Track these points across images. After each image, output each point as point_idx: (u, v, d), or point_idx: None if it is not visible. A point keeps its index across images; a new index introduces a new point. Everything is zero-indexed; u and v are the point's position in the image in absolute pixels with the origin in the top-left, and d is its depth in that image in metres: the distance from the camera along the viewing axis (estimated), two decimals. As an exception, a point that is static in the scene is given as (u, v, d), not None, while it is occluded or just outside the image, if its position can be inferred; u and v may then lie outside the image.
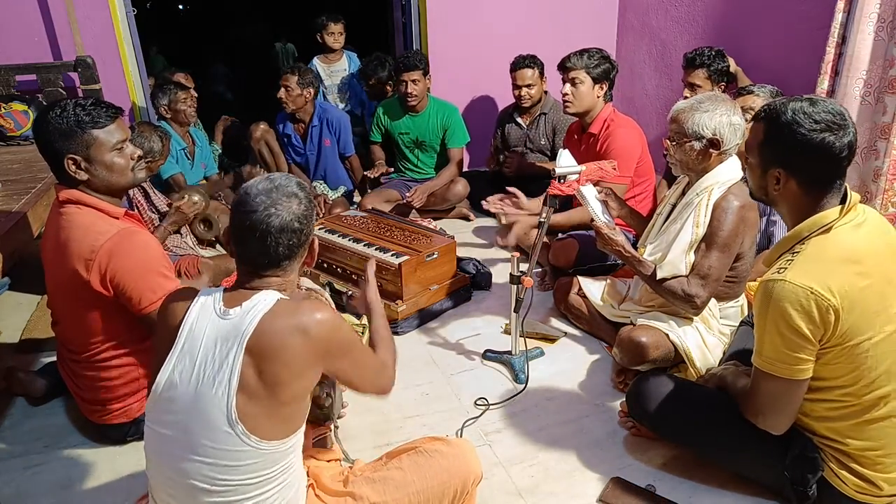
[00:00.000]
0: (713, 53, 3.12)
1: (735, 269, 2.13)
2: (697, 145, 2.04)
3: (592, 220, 2.26)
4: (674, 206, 2.24)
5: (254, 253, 1.27)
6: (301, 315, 1.23)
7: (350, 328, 1.35)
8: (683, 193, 2.21)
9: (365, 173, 4.04)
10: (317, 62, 4.60)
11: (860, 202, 1.50)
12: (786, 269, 1.42)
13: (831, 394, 1.49)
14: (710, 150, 2.04)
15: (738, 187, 2.06)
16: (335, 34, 4.54)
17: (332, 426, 1.90)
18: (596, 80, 2.87)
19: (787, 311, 1.39)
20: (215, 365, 1.21)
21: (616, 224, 2.32)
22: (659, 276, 2.10)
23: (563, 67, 2.92)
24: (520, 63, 3.71)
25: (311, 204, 1.33)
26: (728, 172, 2.07)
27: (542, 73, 3.75)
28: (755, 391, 1.55)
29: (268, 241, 1.25)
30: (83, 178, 1.74)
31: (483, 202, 2.79)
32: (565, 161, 2.21)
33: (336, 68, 4.66)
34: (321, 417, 1.80)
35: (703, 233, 2.05)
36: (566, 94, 2.90)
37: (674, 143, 2.09)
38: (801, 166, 1.44)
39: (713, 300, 2.16)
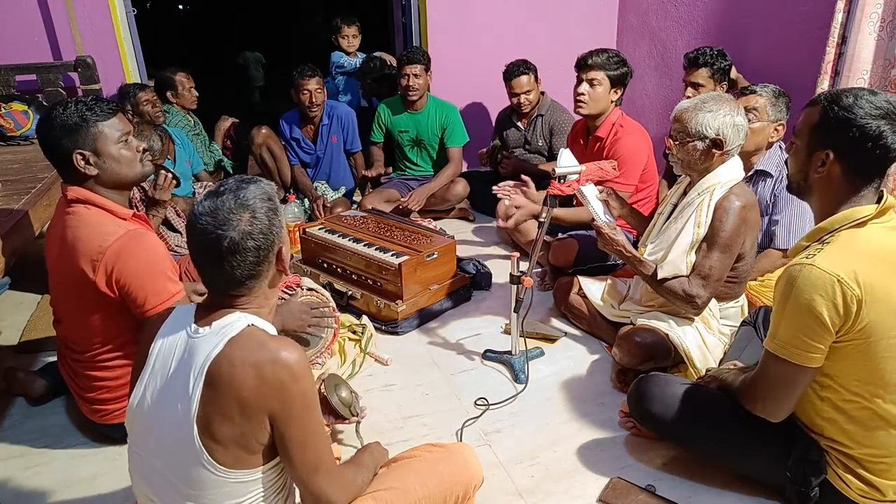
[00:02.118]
0: (715, 52, 3.11)
1: (736, 270, 2.13)
2: (700, 145, 2.04)
3: (593, 219, 2.26)
4: (675, 206, 2.24)
5: (211, 277, 1.19)
6: (264, 351, 1.13)
7: (314, 388, 1.21)
8: (685, 193, 2.21)
9: (364, 172, 4.04)
10: (343, 56, 4.58)
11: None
12: (814, 255, 1.40)
13: (843, 393, 1.48)
14: (713, 151, 2.04)
15: (740, 187, 2.06)
16: (349, 37, 4.53)
17: (356, 422, 1.94)
18: (613, 84, 2.81)
19: (810, 296, 1.37)
20: (180, 389, 1.15)
21: (617, 224, 2.32)
22: (660, 276, 2.10)
23: (584, 65, 2.81)
24: (514, 71, 3.66)
25: (272, 213, 1.19)
26: (730, 172, 2.07)
27: (536, 76, 3.72)
28: (761, 374, 1.54)
29: (222, 266, 1.15)
30: (93, 174, 1.75)
31: (494, 188, 2.76)
32: (566, 161, 2.21)
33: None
34: (344, 415, 1.85)
35: (705, 233, 2.05)
36: (582, 94, 2.81)
37: (676, 142, 2.09)
38: (850, 150, 1.40)
39: (713, 300, 2.17)
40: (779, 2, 3.35)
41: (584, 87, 2.81)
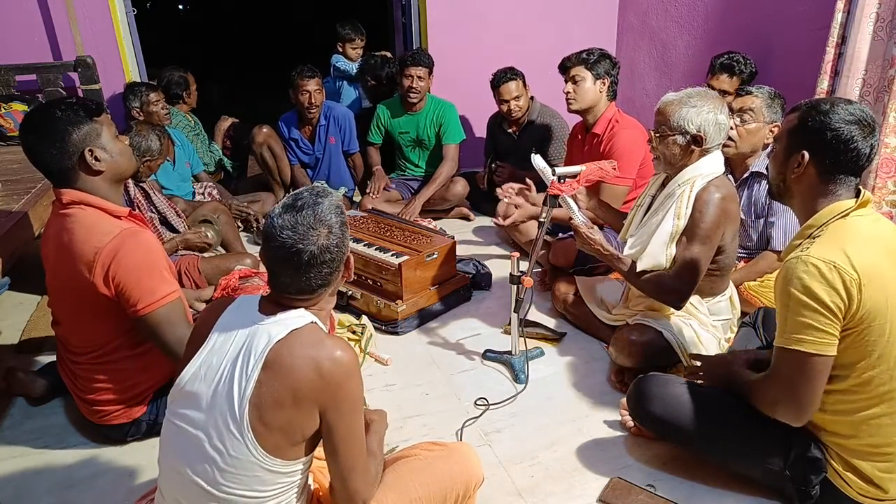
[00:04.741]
0: (747, 60, 3.09)
1: (717, 263, 2.11)
2: (681, 140, 2.03)
3: (571, 218, 2.25)
4: (654, 198, 2.22)
5: (287, 284, 1.25)
6: (322, 348, 1.21)
7: (362, 388, 1.30)
8: (664, 185, 2.19)
9: (368, 193, 3.96)
10: (342, 59, 4.61)
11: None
12: (808, 248, 1.44)
13: (848, 381, 1.47)
14: (692, 147, 2.03)
15: (721, 180, 2.04)
16: (359, 49, 4.56)
17: None
18: (597, 77, 2.87)
19: (809, 284, 1.39)
20: (237, 369, 1.21)
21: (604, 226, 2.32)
22: (639, 268, 2.09)
23: (563, 68, 2.93)
24: (502, 78, 3.61)
25: (343, 226, 1.28)
26: (710, 166, 2.05)
27: (524, 82, 3.67)
28: (776, 374, 1.52)
29: (300, 277, 1.23)
30: (102, 169, 1.76)
31: (498, 190, 2.74)
32: (539, 164, 2.25)
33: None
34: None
35: (685, 224, 2.04)
36: (568, 92, 2.91)
37: (657, 135, 2.08)
38: (824, 151, 1.48)
39: (697, 297, 2.15)
40: (779, 2, 3.35)
41: (569, 85, 2.92)
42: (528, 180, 2.69)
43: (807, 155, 1.50)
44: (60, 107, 1.73)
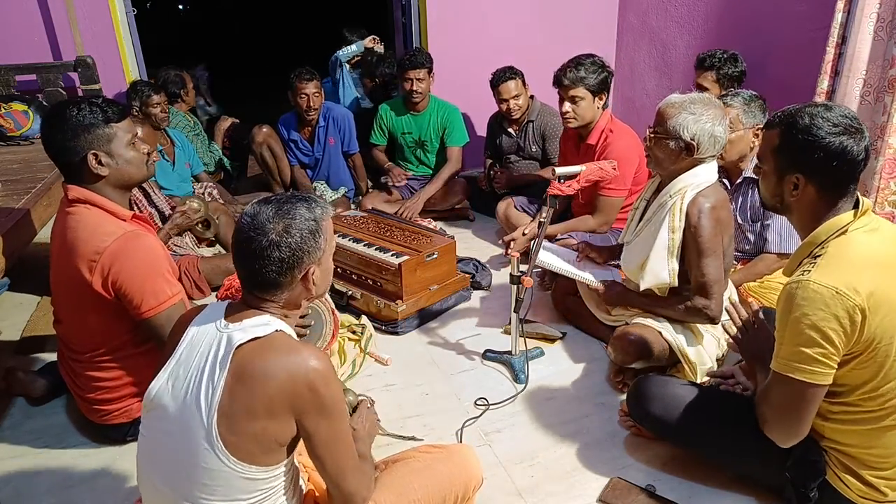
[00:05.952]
0: (725, 57, 3.05)
1: None
2: (673, 145, 2.01)
3: (588, 286, 2.28)
4: (648, 203, 2.22)
5: (243, 274, 1.25)
6: (295, 356, 1.17)
7: (342, 393, 1.26)
8: (658, 191, 2.18)
9: (388, 183, 3.95)
10: (338, 53, 4.63)
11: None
12: (810, 271, 1.39)
13: (851, 396, 1.46)
14: (683, 155, 2.01)
15: (710, 189, 2.03)
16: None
17: None
18: (595, 93, 2.79)
19: (812, 311, 1.35)
20: (203, 379, 1.17)
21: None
22: (642, 286, 2.10)
23: (560, 85, 2.81)
24: (501, 77, 3.57)
25: (311, 233, 1.22)
26: (703, 175, 2.03)
27: (524, 81, 3.64)
28: (767, 396, 1.51)
29: (250, 267, 1.21)
30: (104, 174, 1.76)
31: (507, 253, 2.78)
32: (546, 258, 2.35)
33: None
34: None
35: (680, 238, 2.03)
36: (567, 113, 2.81)
37: (652, 134, 2.07)
38: (820, 170, 1.42)
39: None
40: (779, 2, 3.35)
41: (567, 105, 2.80)
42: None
43: (802, 177, 1.44)
44: (79, 105, 1.72)
